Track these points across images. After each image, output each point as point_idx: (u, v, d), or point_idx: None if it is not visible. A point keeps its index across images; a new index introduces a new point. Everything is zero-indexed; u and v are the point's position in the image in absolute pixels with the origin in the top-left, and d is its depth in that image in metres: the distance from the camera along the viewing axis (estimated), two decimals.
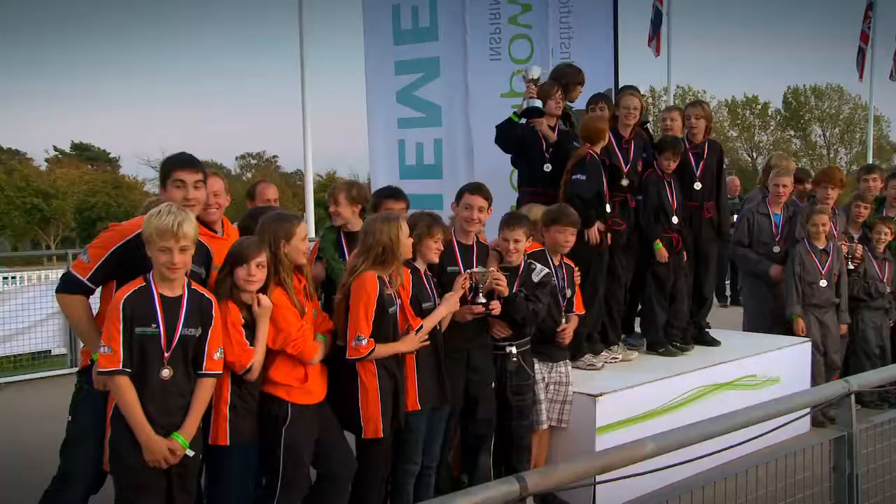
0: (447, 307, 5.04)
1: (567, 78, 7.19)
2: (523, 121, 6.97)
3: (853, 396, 3.60)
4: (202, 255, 4.31)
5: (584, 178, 6.44)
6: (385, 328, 4.64)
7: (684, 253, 7.27)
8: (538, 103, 6.92)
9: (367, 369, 4.64)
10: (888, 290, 8.22)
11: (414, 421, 4.89)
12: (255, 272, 4.22)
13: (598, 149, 6.57)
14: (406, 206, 5.67)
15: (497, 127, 7.11)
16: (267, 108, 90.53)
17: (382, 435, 4.64)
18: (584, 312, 6.09)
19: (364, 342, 4.54)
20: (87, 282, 4.12)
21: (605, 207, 6.48)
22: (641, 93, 7.61)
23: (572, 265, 5.98)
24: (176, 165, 4.34)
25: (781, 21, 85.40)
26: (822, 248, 7.82)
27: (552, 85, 7.03)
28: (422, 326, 4.82)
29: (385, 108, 9.01)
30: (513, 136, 7.01)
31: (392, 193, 5.77)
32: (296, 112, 8.74)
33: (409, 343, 4.75)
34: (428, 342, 4.87)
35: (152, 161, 49.48)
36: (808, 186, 8.81)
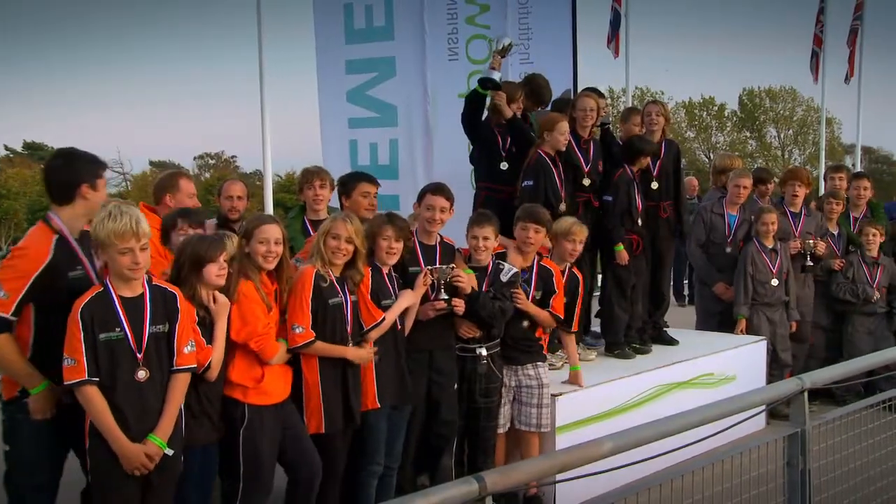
0: (406, 300, 5.07)
1: (542, 97, 7.23)
2: (488, 93, 6.99)
3: (806, 394, 3.66)
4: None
5: (531, 183, 6.50)
6: (331, 321, 4.68)
7: (643, 256, 7.30)
8: (497, 75, 6.92)
9: (308, 365, 4.66)
10: (877, 295, 8.27)
11: (374, 420, 4.90)
12: (226, 267, 4.24)
13: (552, 147, 6.61)
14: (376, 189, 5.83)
15: (466, 99, 7.08)
16: (225, 109, 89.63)
17: (325, 431, 4.65)
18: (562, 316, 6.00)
19: (299, 330, 4.56)
20: (10, 318, 3.91)
21: (558, 208, 6.45)
22: (603, 94, 7.68)
23: (552, 268, 5.91)
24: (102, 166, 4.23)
25: (737, 23, 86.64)
26: (771, 247, 7.94)
27: (517, 88, 7.05)
28: (382, 320, 4.86)
29: (336, 108, 8.94)
30: (479, 107, 6.98)
31: (365, 177, 5.95)
32: (254, 112, 8.62)
33: (357, 354, 4.75)
34: (376, 356, 4.89)
35: (108, 161, 48.76)
36: (770, 186, 8.89)
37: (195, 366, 4.03)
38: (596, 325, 7.55)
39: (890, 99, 76.06)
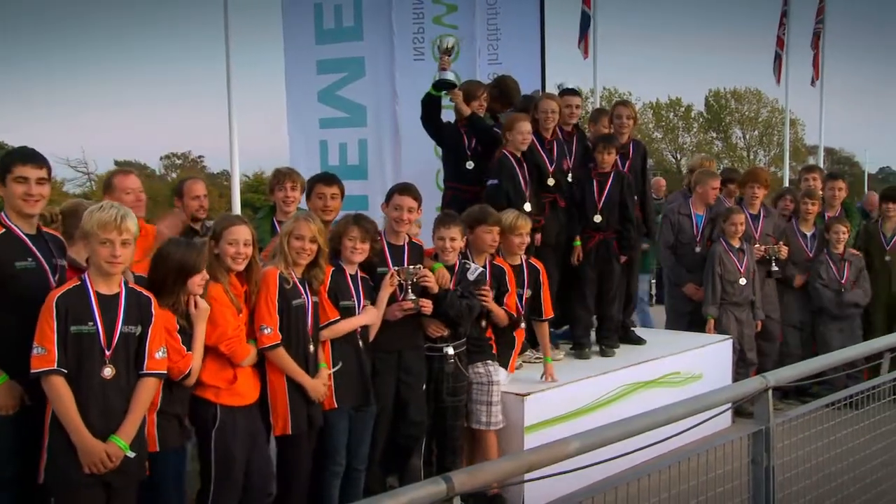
0: (368, 317, 5.11)
1: (511, 98, 7.28)
2: (443, 93, 7.00)
3: (770, 392, 3.71)
4: (58, 245, 4.18)
5: (495, 182, 6.56)
6: (294, 322, 4.69)
7: (619, 255, 7.31)
8: (450, 75, 6.94)
9: (273, 368, 4.66)
10: (843, 290, 8.33)
11: (333, 420, 4.90)
12: (206, 276, 4.26)
13: (515, 147, 6.63)
14: (339, 191, 5.77)
15: (421, 102, 7.12)
16: (192, 108, 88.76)
17: (291, 432, 4.66)
18: (518, 315, 6.07)
19: (268, 331, 4.57)
20: None
21: (523, 207, 6.48)
22: (579, 93, 7.74)
23: (504, 267, 5.98)
24: (17, 160, 4.04)
25: (703, 25, 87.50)
26: (738, 247, 8.02)
27: (479, 86, 7.07)
28: (337, 321, 4.89)
29: (306, 108, 8.89)
30: (434, 109, 7.03)
31: (322, 177, 5.88)
32: (221, 112, 8.53)
33: (314, 386, 4.74)
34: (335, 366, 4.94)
35: (72, 161, 48.19)
36: (738, 186, 8.93)
37: (164, 372, 4.01)
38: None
39: (851, 101, 77.44)
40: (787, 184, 14.18)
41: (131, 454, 3.85)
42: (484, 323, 5.84)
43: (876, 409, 4.56)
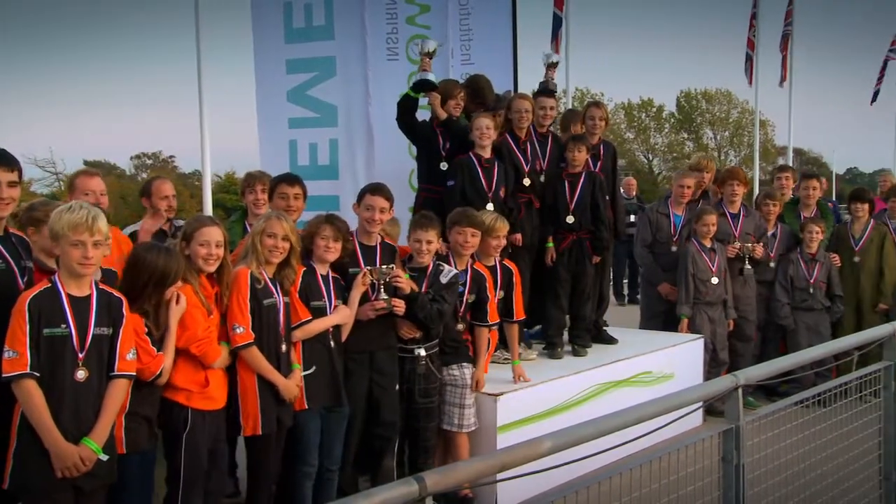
0: (339, 317, 5.10)
1: (484, 98, 7.29)
2: (421, 95, 7.00)
3: (740, 390, 3.74)
4: (24, 247, 4.10)
5: (452, 183, 6.59)
6: (266, 321, 4.68)
7: (592, 255, 7.34)
8: (431, 76, 6.95)
9: (244, 368, 4.64)
10: (812, 290, 8.43)
11: (304, 421, 4.89)
12: (180, 283, 4.24)
13: (478, 144, 6.63)
14: (302, 191, 5.72)
15: (398, 103, 7.11)
16: (163, 108, 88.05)
17: (262, 432, 4.64)
18: (496, 321, 6.07)
19: (240, 330, 4.55)
20: None
21: (484, 208, 6.44)
22: (554, 93, 7.77)
23: (485, 273, 5.96)
24: None
25: (674, 27, 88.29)
26: (710, 246, 8.08)
27: (456, 86, 7.07)
28: (308, 321, 4.88)
29: (275, 108, 8.81)
30: (410, 110, 7.02)
31: (285, 178, 5.84)
32: (193, 111, 8.50)
33: (286, 386, 4.73)
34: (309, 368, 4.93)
35: (39, 160, 47.65)
36: (707, 175, 8.87)
37: (135, 373, 3.97)
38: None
39: (820, 102, 78.44)
40: (757, 184, 14.31)
41: (104, 457, 3.82)
42: (461, 326, 5.83)
43: (843, 406, 4.61)
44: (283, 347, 4.78)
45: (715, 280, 8.01)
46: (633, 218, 12.05)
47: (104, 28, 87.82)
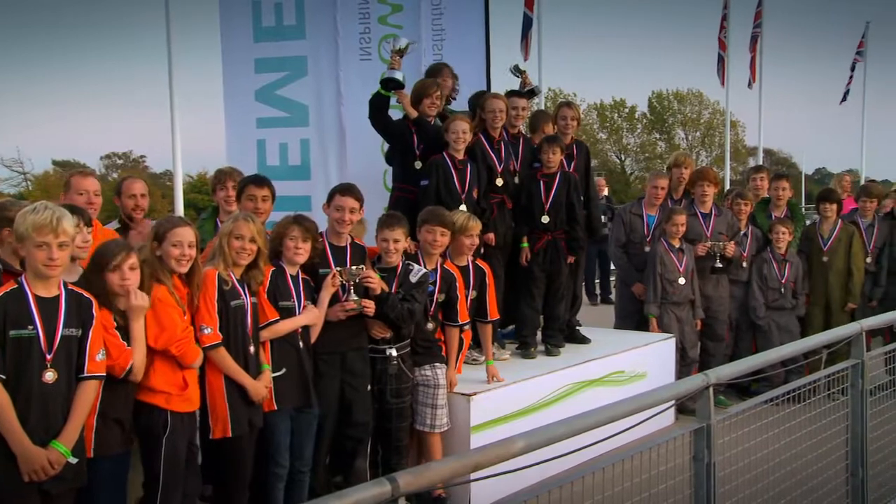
0: (308, 317, 5.08)
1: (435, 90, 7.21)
2: (392, 94, 6.99)
3: (711, 389, 3.77)
4: None
5: (425, 183, 6.60)
6: (233, 323, 4.65)
7: (567, 255, 7.36)
8: (399, 74, 6.94)
9: (212, 369, 4.61)
10: (783, 290, 8.51)
11: (274, 422, 4.87)
12: (128, 275, 4.11)
13: (454, 147, 6.63)
14: (270, 192, 5.70)
15: (370, 101, 7.08)
16: (134, 107, 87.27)
17: (231, 435, 4.61)
18: (467, 321, 6.07)
19: (208, 331, 4.52)
20: None
21: (457, 209, 6.44)
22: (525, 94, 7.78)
23: (455, 272, 5.97)
24: None
25: (646, 28, 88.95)
26: (678, 246, 8.13)
27: (432, 84, 7.05)
28: (276, 321, 4.88)
29: (243, 107, 8.74)
30: (382, 108, 7.01)
31: (253, 179, 5.81)
32: (164, 111, 8.40)
33: (254, 387, 4.70)
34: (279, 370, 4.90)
35: (6, 160, 47.10)
36: (685, 171, 8.85)
37: (104, 374, 3.93)
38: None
39: (789, 103, 79.38)
40: (727, 184, 14.42)
41: (73, 460, 3.77)
42: (431, 325, 5.83)
43: (812, 404, 4.67)
44: (251, 349, 4.75)
45: (682, 280, 8.06)
46: (603, 218, 12.11)
47: (73, 26, 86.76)
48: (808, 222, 9.61)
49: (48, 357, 3.71)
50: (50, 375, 3.71)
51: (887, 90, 77.14)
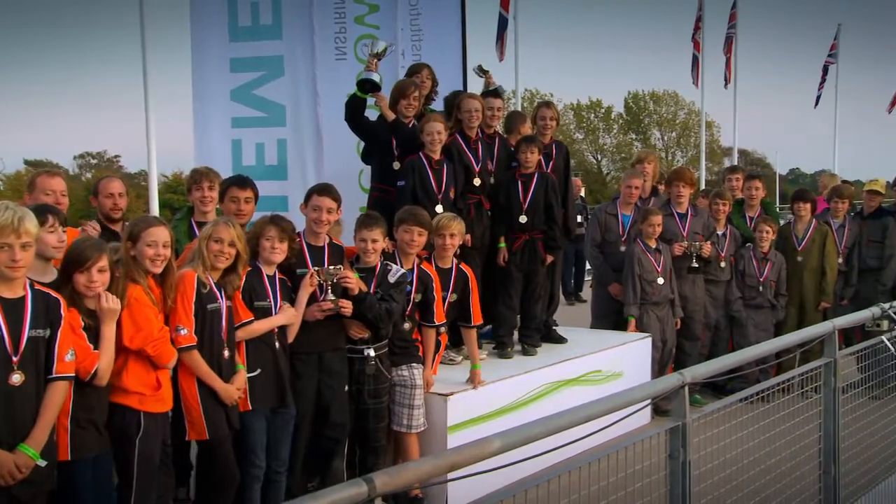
0: (284, 317, 5.07)
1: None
2: (369, 95, 6.99)
3: (686, 388, 3.79)
4: None
5: (402, 183, 6.61)
6: (209, 326, 4.64)
7: (545, 255, 7.37)
8: (375, 76, 6.94)
9: (184, 372, 4.59)
10: (761, 288, 8.60)
11: (249, 422, 4.86)
12: (96, 277, 4.04)
13: (430, 148, 6.64)
14: (253, 194, 5.68)
15: (346, 103, 7.07)
16: (108, 107, 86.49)
17: (208, 437, 4.60)
18: (443, 321, 6.06)
19: (184, 332, 4.50)
20: None
21: (435, 209, 6.46)
22: (500, 94, 7.80)
23: (432, 273, 5.96)
24: None
25: (622, 28, 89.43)
26: (655, 247, 8.17)
27: (410, 85, 7.05)
28: (250, 322, 4.88)
29: (217, 107, 8.64)
30: (358, 110, 7.01)
31: (236, 181, 5.77)
32: (138, 111, 8.35)
33: (226, 391, 4.68)
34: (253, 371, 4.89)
35: None
36: (648, 166, 8.96)
37: (74, 375, 3.87)
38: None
39: (763, 104, 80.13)
40: (703, 184, 14.51)
41: (42, 463, 3.70)
42: (408, 325, 5.82)
43: (786, 402, 4.71)
44: (226, 353, 4.73)
45: (661, 280, 8.09)
46: (579, 219, 12.15)
47: (46, 25, 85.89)
48: (782, 222, 9.70)
49: (14, 359, 3.64)
50: (17, 378, 3.64)
51: (859, 92, 78.23)
